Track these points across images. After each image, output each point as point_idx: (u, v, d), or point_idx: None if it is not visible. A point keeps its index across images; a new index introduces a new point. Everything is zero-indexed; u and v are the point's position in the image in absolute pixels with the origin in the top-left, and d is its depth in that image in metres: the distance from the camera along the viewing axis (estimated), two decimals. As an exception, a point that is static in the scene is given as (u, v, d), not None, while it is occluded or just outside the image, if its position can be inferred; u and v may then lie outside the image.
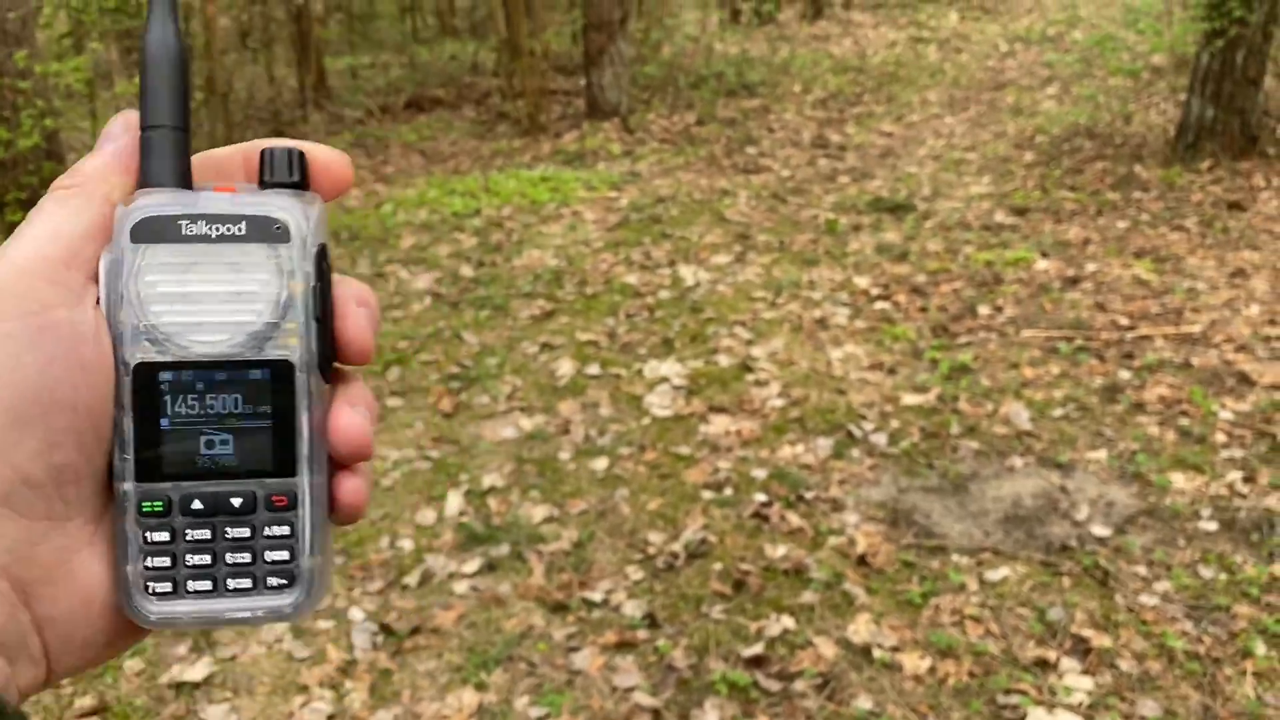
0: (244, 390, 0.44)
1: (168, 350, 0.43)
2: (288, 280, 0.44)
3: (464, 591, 3.24)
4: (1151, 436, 3.80)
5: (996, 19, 13.45)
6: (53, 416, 0.40)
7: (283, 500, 0.45)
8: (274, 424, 0.45)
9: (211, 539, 0.45)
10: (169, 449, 0.44)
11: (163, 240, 0.43)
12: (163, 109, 0.44)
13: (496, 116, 10.21)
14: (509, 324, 5.13)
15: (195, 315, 0.44)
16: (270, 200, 0.44)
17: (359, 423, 0.46)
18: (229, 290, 0.44)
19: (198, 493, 0.44)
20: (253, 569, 0.45)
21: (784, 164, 8.06)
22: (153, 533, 0.44)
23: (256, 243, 0.44)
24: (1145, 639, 2.84)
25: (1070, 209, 6.37)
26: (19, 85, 5.62)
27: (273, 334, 0.44)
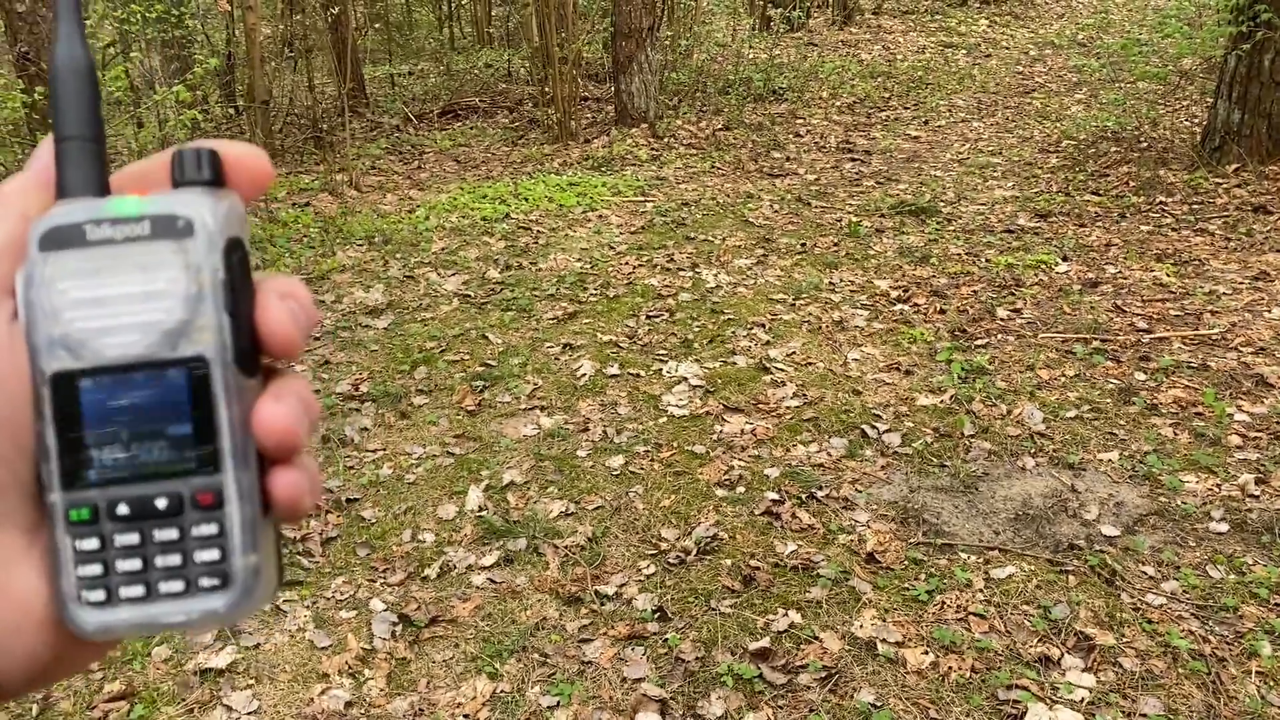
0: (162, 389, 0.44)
1: (83, 356, 0.43)
2: (196, 275, 0.44)
3: (482, 583, 3.33)
4: (1165, 438, 3.82)
5: (1027, 24, 13.40)
6: None
7: (208, 498, 0.44)
8: (195, 421, 0.44)
9: (141, 543, 0.44)
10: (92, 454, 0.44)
11: (70, 247, 0.43)
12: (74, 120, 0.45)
13: (528, 123, 10.33)
14: (532, 325, 5.22)
15: (107, 319, 0.43)
16: (175, 198, 0.44)
17: (282, 413, 0.45)
18: (139, 291, 0.43)
19: (123, 496, 0.44)
20: (184, 571, 0.44)
21: (809, 168, 8.10)
22: (82, 540, 0.43)
23: (162, 240, 0.43)
24: (1150, 638, 2.88)
25: (1093, 212, 6.37)
26: (61, 94, 5.80)
27: (186, 330, 0.44)
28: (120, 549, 0.44)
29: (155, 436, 0.44)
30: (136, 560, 0.44)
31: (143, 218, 0.43)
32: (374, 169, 9.03)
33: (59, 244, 0.43)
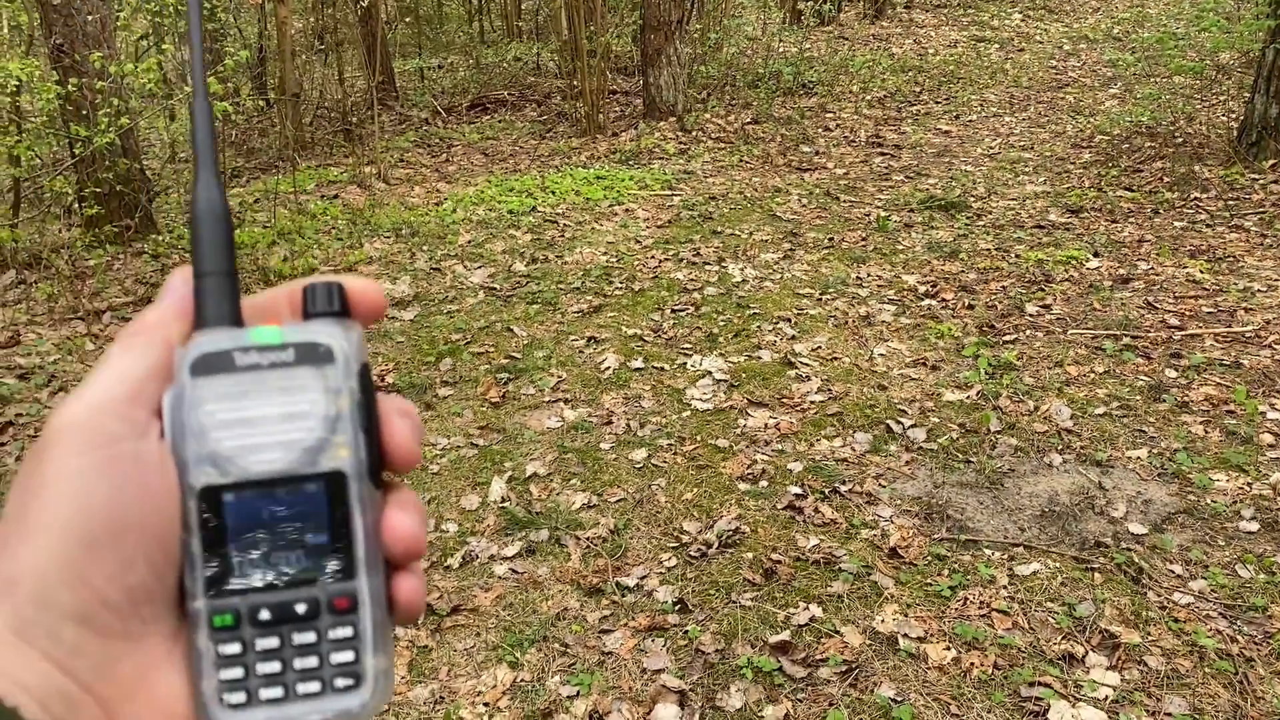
0: (302, 502, 0.47)
1: (229, 472, 0.46)
2: (335, 398, 0.47)
3: (504, 573, 3.34)
4: (1195, 436, 3.77)
5: (1061, 18, 13.25)
6: (124, 540, 0.43)
7: (345, 603, 0.47)
8: (332, 531, 0.47)
9: (280, 646, 0.47)
10: (235, 563, 0.46)
11: (219, 372, 0.46)
12: (211, 257, 0.49)
13: (557, 116, 10.34)
14: (558, 318, 5.23)
15: (253, 437, 0.46)
16: (314, 328, 0.48)
17: (410, 524, 0.48)
18: (282, 411, 0.47)
19: (265, 603, 0.47)
20: (320, 672, 0.47)
21: (838, 162, 8.06)
22: (224, 645, 0.46)
23: (304, 366, 0.47)
24: (1176, 636, 2.84)
25: (1126, 208, 6.30)
26: (96, 85, 5.87)
27: (325, 448, 0.47)
28: (260, 652, 0.46)
29: (294, 545, 0.47)
30: (276, 663, 0.47)
31: (286, 345, 0.47)
32: (402, 162, 9.08)
33: (209, 369, 0.46)
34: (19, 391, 4.71)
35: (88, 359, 5.10)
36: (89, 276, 6.09)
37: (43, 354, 5.13)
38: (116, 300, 5.79)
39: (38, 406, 4.56)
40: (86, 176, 6.24)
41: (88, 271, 6.16)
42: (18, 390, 4.72)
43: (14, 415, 4.50)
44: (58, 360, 5.05)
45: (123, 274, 6.19)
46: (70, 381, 4.82)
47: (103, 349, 5.22)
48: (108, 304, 5.75)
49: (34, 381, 4.81)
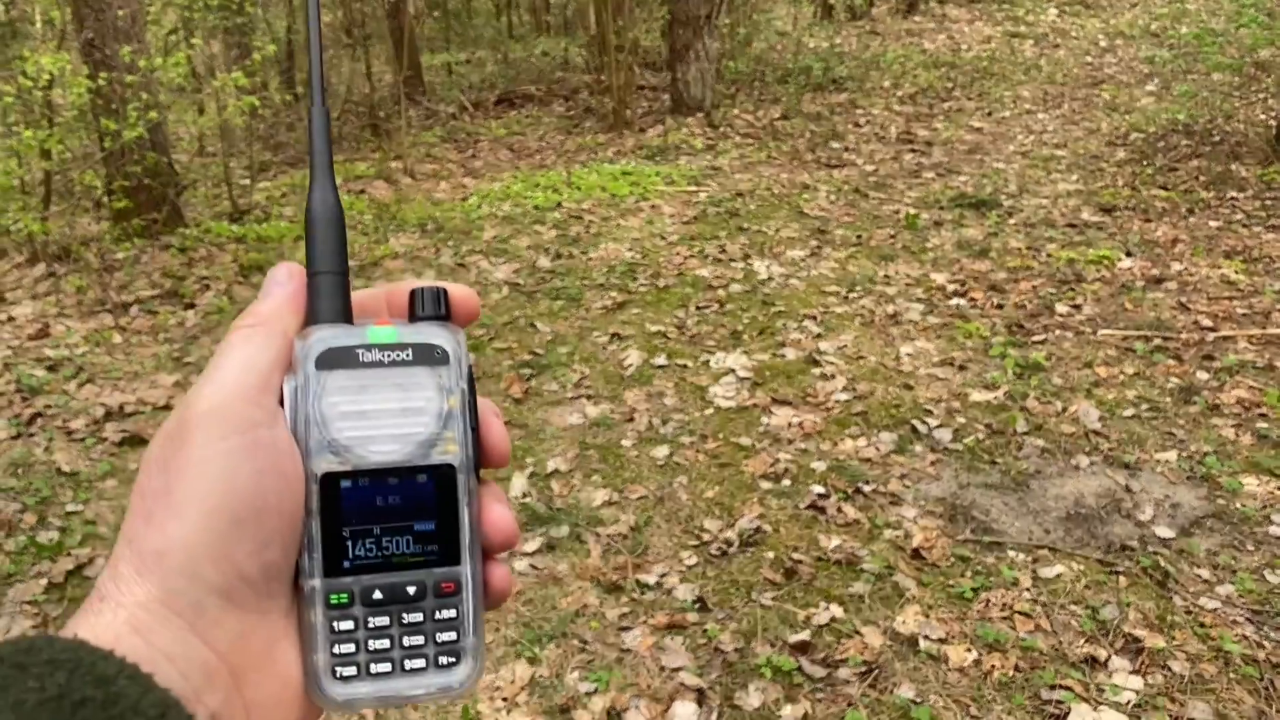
0: (415, 491, 0.51)
1: (349, 460, 0.50)
2: (447, 396, 0.51)
3: (524, 569, 3.33)
4: (1225, 439, 3.71)
5: (1098, 14, 13.09)
6: (264, 519, 0.47)
7: (450, 586, 0.51)
8: (439, 519, 0.51)
9: (389, 625, 0.50)
10: (351, 546, 0.50)
11: (342, 366, 0.50)
12: (327, 257, 0.52)
13: (584, 111, 10.33)
14: (581, 314, 5.22)
15: (371, 429, 0.50)
16: (430, 330, 0.51)
17: (509, 516, 0.53)
18: (399, 407, 0.50)
19: (377, 584, 0.50)
20: (425, 650, 0.51)
21: (868, 159, 8.00)
22: (339, 622, 0.49)
23: (421, 365, 0.51)
24: (1201, 641, 2.79)
25: (1160, 208, 6.21)
26: (126, 79, 5.92)
27: (437, 442, 0.50)
28: (372, 629, 0.50)
29: (405, 531, 0.51)
30: (385, 640, 0.50)
31: (405, 345, 0.51)
32: (429, 157, 9.10)
33: (333, 364, 0.50)
34: (48, 383, 4.76)
35: (115, 351, 5.14)
36: (117, 269, 6.15)
37: (71, 346, 5.18)
38: (144, 293, 5.84)
39: (66, 398, 4.61)
40: (116, 170, 6.29)
41: (116, 264, 6.21)
42: (46, 381, 4.77)
43: (43, 406, 4.55)
44: (86, 352, 5.10)
45: (150, 267, 6.24)
46: (98, 373, 4.87)
47: (130, 341, 5.27)
48: (135, 297, 5.80)
49: (63, 373, 4.86)
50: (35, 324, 5.46)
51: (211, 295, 5.78)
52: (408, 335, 0.51)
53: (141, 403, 4.57)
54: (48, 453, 4.15)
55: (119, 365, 4.96)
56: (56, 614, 3.25)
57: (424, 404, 0.50)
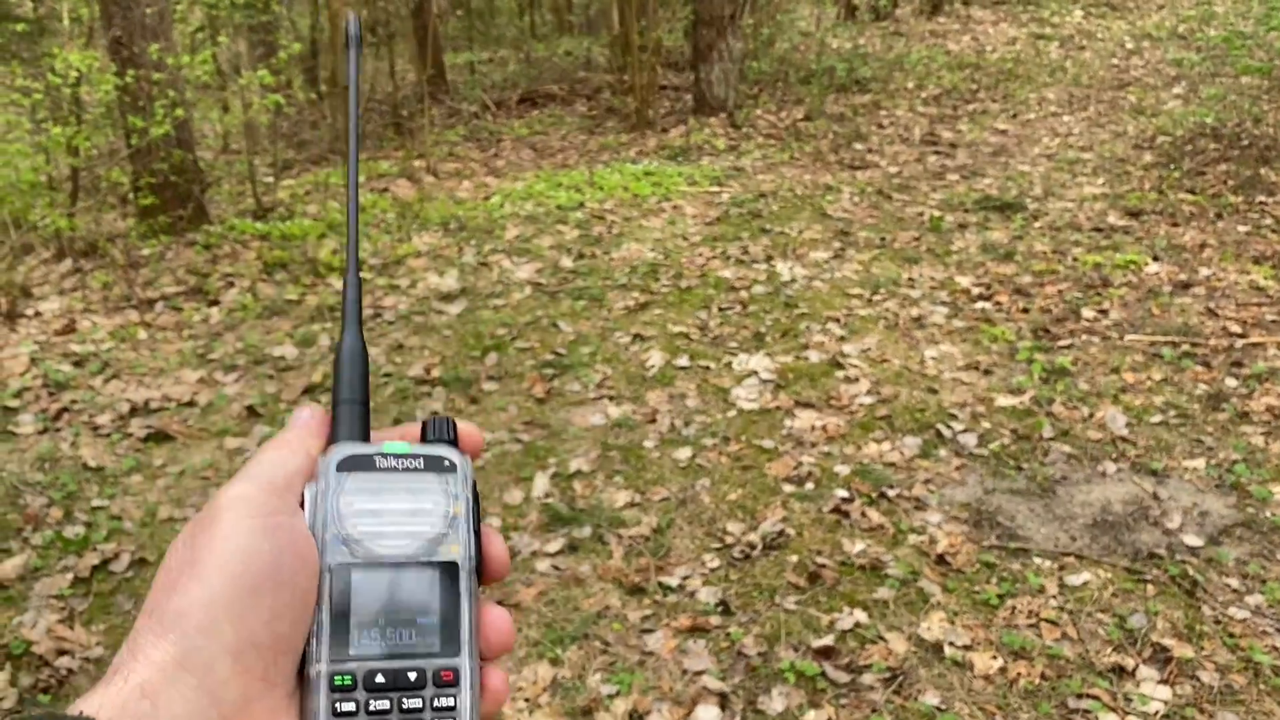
0: (420, 585, 0.54)
1: (359, 553, 0.54)
2: (454, 502, 0.56)
3: (545, 570, 3.33)
4: (1255, 447, 3.67)
5: (1124, 15, 12.99)
6: (280, 592, 0.51)
7: (449, 675, 0.54)
8: (443, 612, 0.54)
9: (389, 710, 0.52)
10: (358, 633, 0.53)
11: (361, 469, 0.55)
12: (350, 390, 0.58)
13: (606, 111, 10.33)
14: (604, 314, 5.22)
15: (383, 526, 0.54)
16: (440, 447, 0.57)
17: (507, 619, 0.57)
18: (409, 508, 0.55)
19: (380, 669, 0.53)
20: None
21: (892, 160, 7.96)
22: (341, 703, 0.52)
23: (431, 473, 0.56)
24: (1231, 652, 2.76)
25: (1188, 212, 6.15)
26: (153, 77, 5.95)
27: (442, 542, 0.55)
28: (373, 714, 0.52)
29: (409, 623, 0.54)
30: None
31: (417, 455, 0.56)
32: (451, 155, 9.12)
33: (352, 466, 0.55)
34: (74, 378, 4.79)
35: (140, 347, 5.17)
36: (142, 266, 6.19)
37: (97, 341, 5.21)
38: (169, 289, 5.88)
39: (92, 393, 4.64)
40: (142, 167, 6.33)
41: (141, 261, 6.25)
42: (72, 377, 4.80)
43: (69, 401, 4.58)
44: (112, 348, 5.14)
45: (175, 264, 6.27)
46: (124, 369, 4.90)
47: (155, 337, 5.30)
48: (160, 293, 5.83)
49: (89, 369, 4.89)
50: (62, 319, 5.50)
51: (235, 292, 5.81)
52: (419, 449, 0.57)
53: (166, 399, 4.59)
54: (74, 448, 4.18)
55: (144, 361, 4.99)
56: (82, 608, 3.27)
57: (432, 506, 0.55)
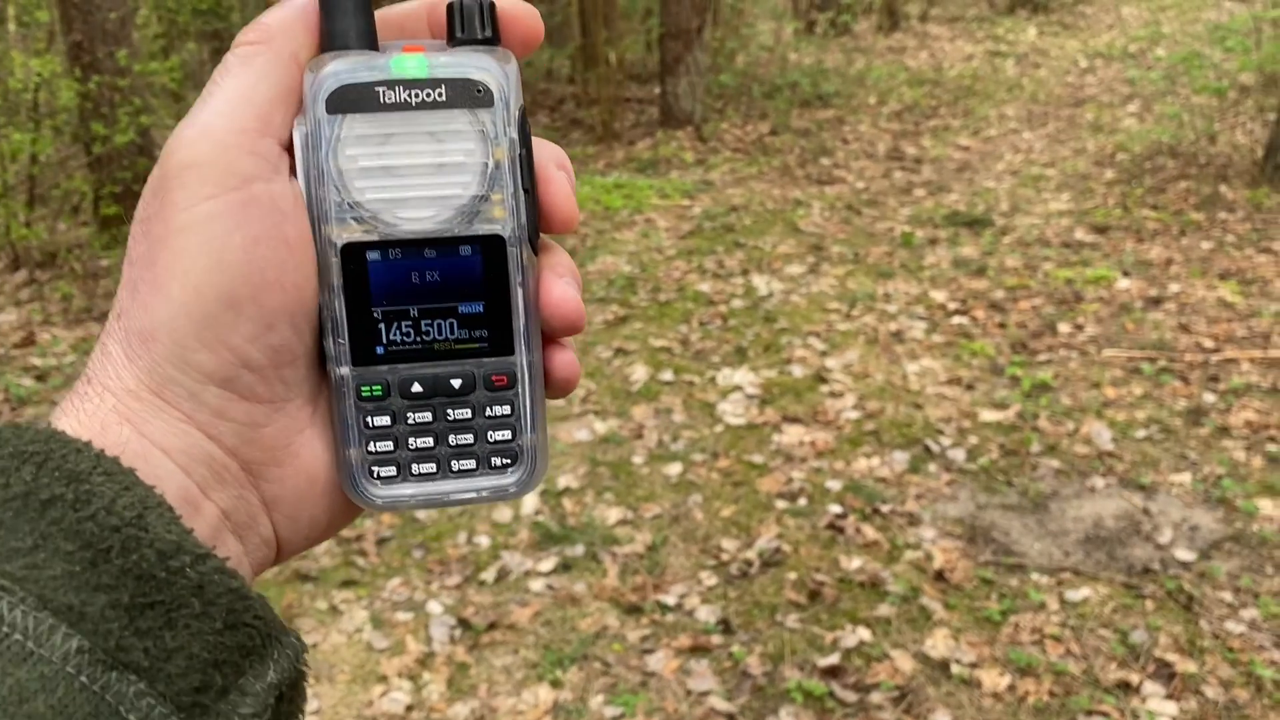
0: (456, 268, 0.43)
1: (375, 229, 0.42)
2: (493, 148, 0.42)
3: (540, 589, 3.28)
4: (1238, 461, 3.72)
5: (1076, 34, 13.25)
6: (264, 297, 0.40)
7: (502, 379, 0.44)
8: (487, 302, 0.43)
9: (433, 421, 0.44)
10: (383, 331, 0.43)
11: (360, 110, 0.41)
12: None
13: (570, 123, 10.30)
14: (584, 328, 5.17)
15: (400, 190, 0.42)
16: (468, 60, 0.41)
17: (572, 295, 0.44)
18: (433, 162, 0.42)
19: (416, 375, 0.43)
20: (475, 449, 0.45)
21: (858, 175, 8.02)
22: (373, 417, 0.43)
23: (458, 108, 0.41)
24: (1232, 666, 2.79)
25: (1152, 228, 6.26)
26: (117, 83, 5.81)
27: (481, 207, 0.42)
28: (413, 426, 0.44)
29: (447, 314, 0.43)
30: (429, 438, 0.44)
31: (437, 81, 0.41)
32: (418, 166, 9.02)
33: (348, 105, 0.40)
34: (36, 393, 4.64)
35: (105, 360, 5.03)
36: (102, 277, 6.02)
37: (59, 355, 5.06)
38: (133, 301, 5.73)
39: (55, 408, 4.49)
40: (105, 175, 6.17)
41: (100, 272, 6.09)
42: (35, 391, 4.65)
43: (32, 417, 4.42)
44: (74, 361, 4.98)
45: (139, 274, 6.12)
46: (89, 383, 4.75)
47: (120, 350, 5.16)
48: (125, 304, 5.68)
49: (51, 383, 4.74)
50: (20, 332, 5.33)
51: (202, 304, 5.68)
52: (442, 68, 0.41)
53: (136, 414, 4.46)
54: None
55: (110, 375, 4.85)
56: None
57: (464, 159, 0.42)
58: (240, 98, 0.40)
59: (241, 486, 0.41)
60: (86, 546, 0.35)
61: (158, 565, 0.35)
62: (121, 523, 0.35)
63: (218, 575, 0.37)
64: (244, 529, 0.42)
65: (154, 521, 0.36)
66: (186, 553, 0.36)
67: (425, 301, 0.43)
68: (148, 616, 0.35)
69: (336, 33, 0.41)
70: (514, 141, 0.42)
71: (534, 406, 0.45)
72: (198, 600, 0.36)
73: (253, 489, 0.42)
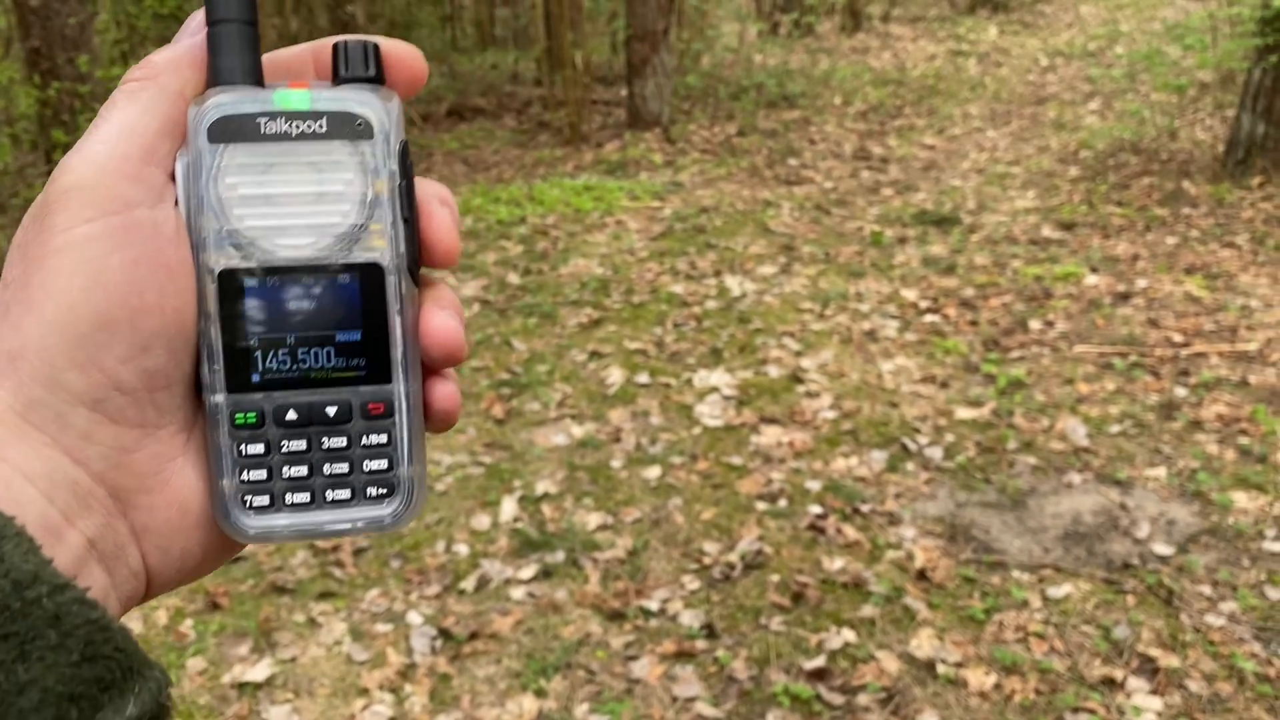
0: (334, 295, 0.43)
1: (253, 256, 0.42)
2: (372, 179, 0.43)
3: (521, 597, 3.24)
4: (1211, 455, 3.76)
5: (1036, 33, 13.39)
6: (141, 320, 0.40)
7: (379, 408, 0.44)
8: (365, 330, 0.43)
9: (308, 450, 0.44)
10: (259, 359, 0.43)
11: (241, 139, 0.41)
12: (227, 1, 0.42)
13: (538, 125, 10.25)
14: (557, 331, 5.14)
15: (279, 218, 0.42)
16: (350, 95, 0.43)
17: (452, 325, 0.45)
18: (312, 191, 0.42)
19: (292, 403, 0.43)
20: (351, 479, 0.44)
21: (826, 175, 8.05)
22: (247, 445, 0.43)
23: (339, 140, 0.42)
24: (1214, 660, 2.81)
25: (1118, 224, 6.32)
26: (79, 89, 5.70)
27: (360, 236, 0.43)
28: (287, 455, 0.43)
29: (324, 342, 0.43)
30: (303, 467, 0.44)
31: (319, 114, 0.42)
32: (384, 170, 8.94)
33: (229, 136, 0.41)
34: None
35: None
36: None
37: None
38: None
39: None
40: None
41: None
42: None
43: None
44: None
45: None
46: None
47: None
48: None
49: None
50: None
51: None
52: (324, 102, 0.42)
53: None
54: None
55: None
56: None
57: (343, 188, 0.42)
58: (125, 129, 0.41)
59: (109, 514, 0.40)
60: None
61: (12, 596, 0.34)
62: None
63: (76, 606, 0.35)
64: (111, 559, 0.40)
65: (10, 551, 0.35)
66: (44, 583, 0.35)
67: (302, 329, 0.43)
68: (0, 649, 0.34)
69: (223, 69, 0.42)
70: (394, 173, 0.43)
71: (412, 437, 0.45)
72: (54, 631, 0.35)
73: (121, 517, 0.41)
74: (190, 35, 0.43)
